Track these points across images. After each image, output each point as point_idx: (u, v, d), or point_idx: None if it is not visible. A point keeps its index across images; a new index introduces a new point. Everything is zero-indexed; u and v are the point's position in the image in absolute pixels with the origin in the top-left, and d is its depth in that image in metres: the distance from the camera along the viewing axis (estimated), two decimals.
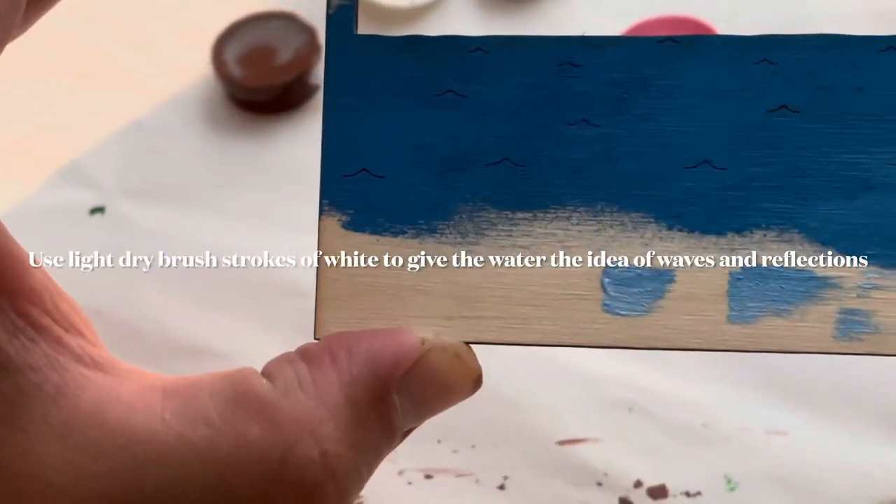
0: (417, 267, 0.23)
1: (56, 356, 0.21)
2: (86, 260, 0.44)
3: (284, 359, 0.23)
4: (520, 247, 0.23)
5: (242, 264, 0.44)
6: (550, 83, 0.24)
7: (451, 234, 0.23)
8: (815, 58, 0.23)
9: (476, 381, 0.23)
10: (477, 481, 0.37)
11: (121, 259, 0.45)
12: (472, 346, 0.23)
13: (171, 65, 0.51)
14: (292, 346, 0.43)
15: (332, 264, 0.24)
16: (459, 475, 0.37)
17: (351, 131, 0.24)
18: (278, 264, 0.44)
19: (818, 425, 0.38)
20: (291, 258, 0.44)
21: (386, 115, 0.24)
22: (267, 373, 0.22)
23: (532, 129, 0.24)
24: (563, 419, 0.38)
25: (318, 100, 0.49)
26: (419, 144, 0.24)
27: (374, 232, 0.24)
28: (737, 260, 0.23)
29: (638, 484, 0.37)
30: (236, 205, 0.46)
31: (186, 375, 0.23)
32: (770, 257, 0.23)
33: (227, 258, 0.44)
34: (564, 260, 0.23)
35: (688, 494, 0.37)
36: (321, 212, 0.24)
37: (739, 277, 0.23)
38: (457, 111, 0.24)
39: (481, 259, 0.23)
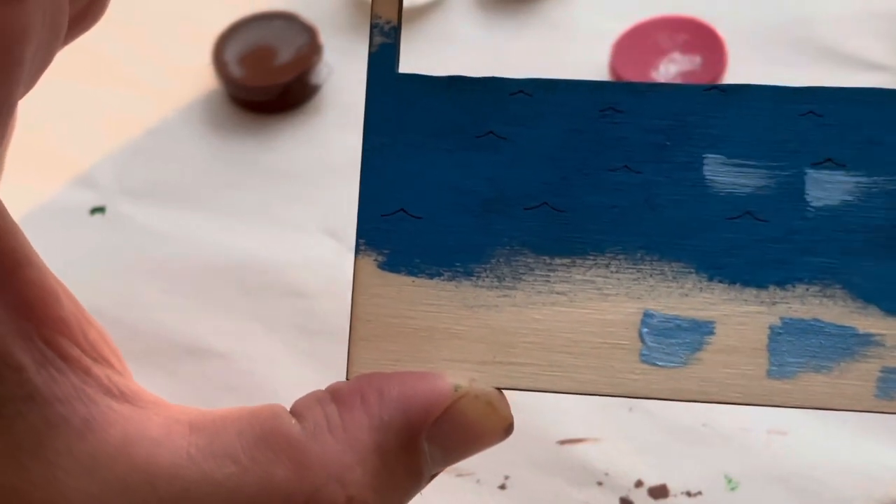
0: (453, 310, 0.23)
1: (84, 388, 0.21)
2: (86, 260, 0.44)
3: (314, 398, 0.22)
4: (557, 293, 0.23)
5: (242, 264, 0.44)
6: (592, 128, 0.23)
7: (487, 277, 0.23)
8: (861, 111, 0.23)
9: (507, 430, 0.23)
10: (478, 481, 0.37)
11: (121, 259, 0.45)
12: (504, 392, 0.23)
13: (172, 65, 0.51)
14: (292, 346, 0.43)
15: (366, 304, 0.23)
16: (460, 475, 0.37)
17: (389, 170, 0.24)
18: (278, 264, 0.44)
19: (818, 425, 0.38)
20: (291, 258, 0.44)
21: (425, 155, 0.24)
22: (296, 412, 0.22)
23: (572, 173, 0.23)
24: (564, 419, 0.38)
25: (319, 100, 0.49)
26: (458, 186, 0.23)
27: (410, 273, 0.23)
28: (778, 314, 0.22)
29: (639, 484, 0.37)
30: (236, 205, 0.46)
31: (213, 409, 0.22)
32: (812, 312, 0.22)
33: (227, 258, 0.44)
34: (602, 308, 0.23)
35: (688, 494, 0.37)
36: (357, 251, 0.23)
37: (780, 332, 0.22)
38: (497, 153, 0.23)
39: (518, 304, 0.23)
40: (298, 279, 0.43)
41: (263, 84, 0.48)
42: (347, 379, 0.23)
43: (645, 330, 0.23)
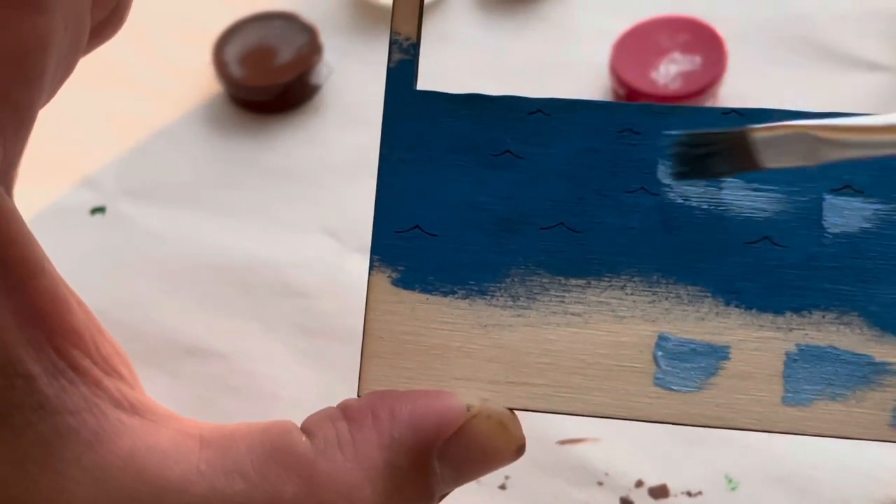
0: (466, 329, 0.23)
1: (94, 399, 0.21)
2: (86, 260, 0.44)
3: (325, 415, 0.22)
4: (572, 314, 0.23)
5: (243, 264, 0.44)
6: (610, 149, 0.23)
7: (502, 296, 0.23)
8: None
9: (519, 450, 0.23)
10: (478, 481, 0.37)
11: (121, 259, 0.45)
12: (516, 412, 0.23)
13: (172, 65, 0.51)
14: (292, 346, 0.43)
15: (379, 321, 0.23)
16: None
17: (405, 187, 0.24)
18: (278, 264, 0.44)
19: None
20: (291, 258, 0.44)
21: (441, 172, 0.24)
22: (307, 429, 0.22)
23: (589, 194, 0.23)
24: (564, 419, 0.38)
25: (319, 100, 0.49)
26: (474, 204, 0.23)
27: (424, 290, 0.23)
28: (794, 340, 0.22)
29: (639, 484, 0.37)
30: (236, 205, 0.46)
31: (224, 424, 0.22)
32: (828, 339, 0.22)
33: (227, 258, 0.44)
34: (617, 330, 0.23)
35: (689, 494, 0.37)
36: (371, 267, 0.23)
37: (796, 358, 0.22)
38: (514, 172, 0.23)
39: (532, 324, 0.23)
40: (298, 279, 0.43)
41: (263, 84, 0.48)
42: (359, 395, 0.23)
43: (659, 353, 0.22)
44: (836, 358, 0.22)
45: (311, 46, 0.49)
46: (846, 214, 0.23)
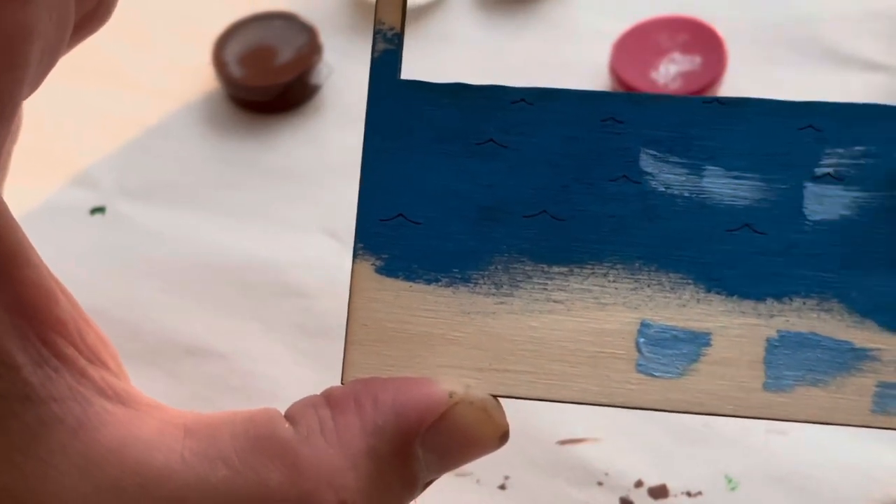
0: (449, 316, 0.23)
1: (79, 388, 0.21)
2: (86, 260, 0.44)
3: (308, 402, 0.22)
4: (554, 301, 0.23)
5: (243, 264, 0.44)
6: (592, 137, 0.23)
7: (485, 284, 0.23)
8: (861, 127, 0.23)
9: (503, 437, 0.23)
10: (477, 481, 0.37)
11: (120, 259, 0.45)
12: (500, 399, 0.23)
13: (172, 65, 0.51)
14: (292, 347, 0.43)
15: (362, 309, 0.23)
16: (460, 475, 0.37)
17: (389, 175, 0.24)
18: (278, 264, 0.44)
19: (818, 425, 0.38)
20: (291, 258, 0.44)
21: (425, 160, 0.24)
22: (290, 416, 0.22)
23: (572, 182, 0.23)
24: (564, 419, 0.38)
25: (319, 100, 0.49)
26: (457, 192, 0.23)
27: (408, 278, 0.23)
28: (775, 326, 0.22)
29: (639, 484, 0.37)
30: (236, 205, 0.46)
31: (209, 413, 0.22)
32: (809, 326, 0.22)
33: (227, 258, 0.44)
34: (599, 317, 0.23)
35: (689, 494, 0.37)
36: (355, 255, 0.23)
37: (777, 344, 0.22)
38: (497, 161, 0.23)
39: (515, 311, 0.23)
40: (298, 279, 0.43)
41: (263, 84, 0.48)
42: (342, 383, 0.23)
43: (641, 340, 0.23)
44: (816, 344, 0.22)
45: (311, 46, 0.49)
46: (826, 202, 0.23)
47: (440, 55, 0.50)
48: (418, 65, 0.50)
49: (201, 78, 0.50)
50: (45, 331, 0.21)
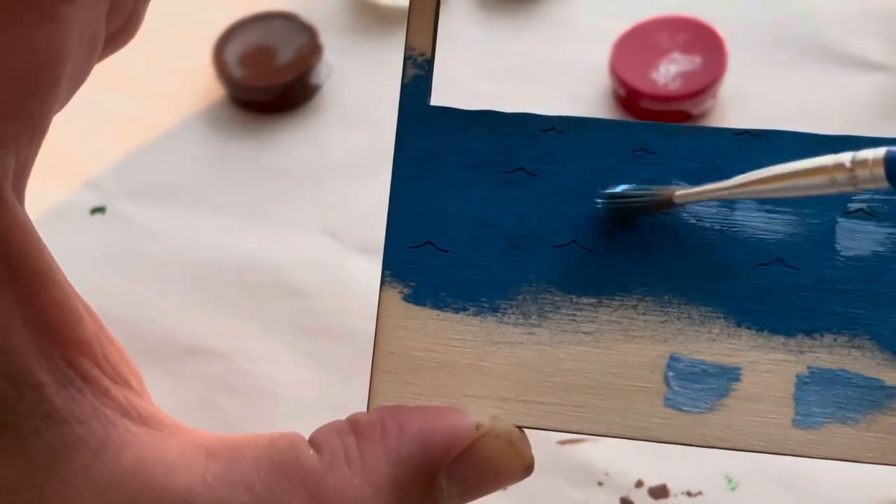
0: (477, 346, 0.23)
1: (102, 409, 0.21)
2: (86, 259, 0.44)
3: (333, 429, 0.22)
4: (583, 332, 0.23)
5: (243, 264, 0.44)
6: (623, 167, 0.23)
7: (513, 314, 0.23)
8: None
9: (527, 469, 0.23)
10: None
11: (121, 259, 0.45)
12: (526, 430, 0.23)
13: (172, 65, 0.51)
14: (292, 347, 0.43)
15: (390, 337, 0.23)
16: None
17: (418, 202, 0.23)
18: (278, 264, 0.44)
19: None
20: (291, 258, 0.44)
21: (455, 188, 0.23)
22: (314, 442, 0.22)
23: (602, 212, 0.23)
24: None
25: (319, 100, 0.49)
26: (487, 220, 0.23)
27: (436, 307, 0.23)
28: (805, 363, 0.22)
29: (639, 483, 0.37)
30: (236, 205, 0.46)
31: (231, 435, 0.22)
32: (839, 363, 0.22)
33: (227, 258, 0.44)
34: (628, 350, 0.22)
35: (689, 494, 0.37)
36: (383, 282, 0.23)
37: (807, 381, 0.22)
38: (527, 189, 0.23)
39: (543, 342, 0.23)
40: (298, 279, 0.43)
41: (263, 84, 0.48)
42: (368, 410, 0.23)
43: (670, 374, 0.22)
44: (847, 381, 0.22)
45: (311, 46, 0.49)
46: (859, 238, 0.22)
47: (440, 55, 0.50)
48: None
49: (201, 78, 0.50)
50: (70, 351, 0.21)
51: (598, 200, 0.23)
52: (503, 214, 0.23)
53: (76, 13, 0.21)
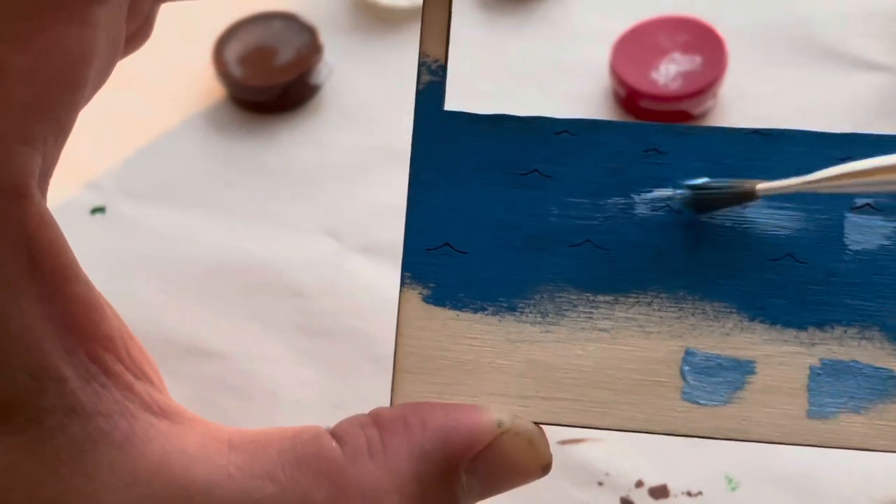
0: (496, 344, 0.23)
1: (126, 403, 0.21)
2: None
3: (356, 422, 0.22)
4: (600, 329, 0.23)
5: (243, 264, 0.44)
6: (635, 168, 0.24)
7: (531, 313, 0.23)
8: None
9: (545, 468, 0.23)
10: None
11: (121, 259, 0.45)
12: (544, 427, 0.23)
13: (172, 65, 0.51)
14: (292, 347, 0.43)
15: (410, 337, 0.24)
16: None
17: (435, 205, 0.24)
18: (278, 264, 0.44)
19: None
20: (291, 258, 0.44)
21: (470, 190, 0.24)
22: (337, 435, 0.22)
23: (616, 212, 0.24)
24: None
25: (319, 100, 0.49)
26: (503, 222, 0.24)
27: (455, 307, 0.24)
28: (817, 355, 0.23)
29: (639, 484, 0.37)
30: (236, 205, 0.46)
31: (251, 429, 0.22)
32: (850, 354, 0.23)
33: (227, 258, 0.44)
34: (644, 345, 0.23)
35: (689, 494, 0.37)
36: (402, 284, 0.24)
37: (819, 372, 0.23)
38: (541, 191, 0.24)
39: (561, 340, 0.23)
40: (298, 279, 0.43)
41: (263, 84, 0.48)
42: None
43: (686, 368, 0.23)
44: (857, 372, 0.23)
45: (311, 46, 0.49)
46: (866, 232, 0.23)
47: None
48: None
49: (202, 78, 0.50)
50: (93, 347, 0.21)
51: (680, 192, 0.23)
52: (519, 216, 0.24)
53: (104, 16, 0.21)
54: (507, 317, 0.23)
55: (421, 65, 0.25)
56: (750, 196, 0.23)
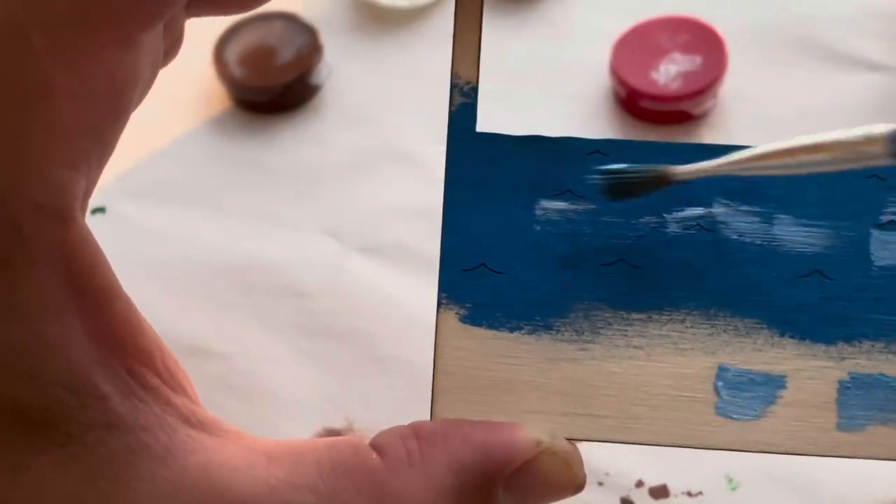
0: (533, 363, 0.24)
1: (165, 416, 0.21)
2: None
3: (396, 433, 0.23)
4: (635, 347, 0.24)
5: (243, 264, 0.44)
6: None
7: (567, 331, 0.24)
8: None
9: (578, 488, 0.23)
10: None
11: (120, 259, 0.45)
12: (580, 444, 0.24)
13: (172, 65, 0.51)
14: (292, 346, 0.43)
15: (448, 357, 0.24)
16: None
17: (470, 226, 0.24)
18: (278, 264, 0.44)
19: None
20: (291, 258, 0.44)
21: (505, 211, 0.24)
22: (377, 446, 0.22)
23: (647, 231, 0.24)
24: None
25: (319, 100, 0.49)
26: (537, 242, 0.24)
27: (492, 327, 0.24)
28: (846, 369, 0.23)
29: (639, 484, 0.37)
30: (236, 205, 0.46)
31: (289, 440, 0.23)
32: (877, 367, 0.23)
33: (227, 258, 0.44)
34: (678, 362, 0.23)
35: (689, 494, 0.37)
36: (439, 305, 0.24)
37: (848, 386, 0.23)
38: (574, 211, 0.24)
39: (597, 357, 0.24)
40: (298, 279, 0.43)
41: (264, 84, 0.48)
42: None
43: (720, 383, 0.23)
44: (885, 385, 0.23)
45: (311, 46, 0.49)
46: (891, 248, 0.24)
47: (440, 55, 0.50)
48: (419, 64, 0.50)
49: (202, 78, 0.50)
50: (132, 362, 0.21)
51: (594, 177, 0.24)
52: (552, 236, 0.24)
53: (149, 38, 0.22)
54: (543, 335, 0.24)
55: (453, 87, 0.25)
56: (666, 180, 0.23)
